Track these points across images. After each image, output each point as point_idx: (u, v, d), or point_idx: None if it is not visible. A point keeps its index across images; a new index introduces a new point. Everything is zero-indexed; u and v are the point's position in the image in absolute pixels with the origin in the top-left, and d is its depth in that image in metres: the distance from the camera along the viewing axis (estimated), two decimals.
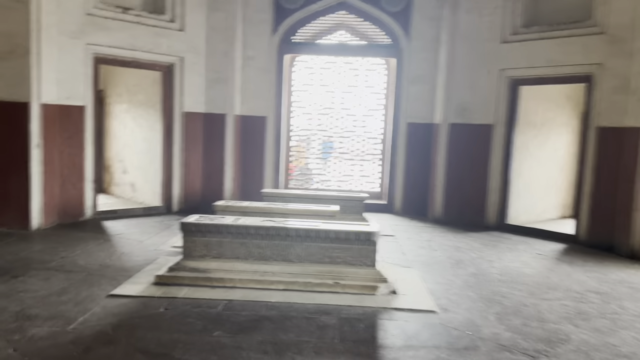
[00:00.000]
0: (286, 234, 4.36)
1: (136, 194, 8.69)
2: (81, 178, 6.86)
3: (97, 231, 6.39)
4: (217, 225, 4.37)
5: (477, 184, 7.64)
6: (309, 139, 9.50)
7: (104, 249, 5.47)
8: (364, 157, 9.44)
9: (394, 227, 7.32)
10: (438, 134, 7.93)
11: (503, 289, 4.65)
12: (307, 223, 4.57)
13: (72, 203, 6.79)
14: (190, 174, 7.98)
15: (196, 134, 7.99)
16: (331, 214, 5.85)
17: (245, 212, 5.86)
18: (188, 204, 7.94)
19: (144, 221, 7.12)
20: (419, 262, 5.44)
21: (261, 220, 4.57)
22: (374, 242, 4.35)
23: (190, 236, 4.41)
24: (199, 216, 4.66)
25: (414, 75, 8.32)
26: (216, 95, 8.01)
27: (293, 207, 5.90)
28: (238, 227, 4.36)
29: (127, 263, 4.98)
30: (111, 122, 9.42)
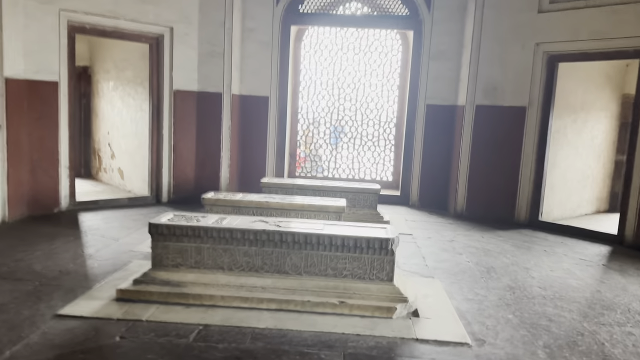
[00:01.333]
0: (281, 239, 3.48)
1: (125, 181, 7.87)
2: (55, 164, 6.02)
3: (70, 226, 5.56)
4: (194, 228, 3.50)
5: (506, 175, 6.69)
6: (316, 123, 8.60)
7: (70, 249, 4.64)
8: (377, 142, 8.53)
9: (411, 223, 6.42)
10: (462, 118, 6.97)
11: (549, 309, 3.75)
12: (307, 225, 3.68)
13: (45, 192, 5.97)
14: (182, 160, 7.11)
15: (188, 115, 7.10)
16: (338, 209, 4.96)
17: (237, 207, 5.00)
18: (179, 194, 7.09)
19: (127, 213, 6.29)
20: (442, 270, 4.54)
21: (250, 222, 3.69)
22: (392, 251, 3.45)
23: (162, 241, 3.55)
24: (173, 215, 3.79)
25: (435, 50, 7.33)
26: (211, 71, 7.10)
27: (294, 202, 5.02)
28: (221, 231, 3.49)
29: (92, 269, 4.15)
30: (99, 102, 8.60)
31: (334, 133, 8.69)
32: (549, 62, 6.43)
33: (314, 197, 5.57)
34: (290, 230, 3.48)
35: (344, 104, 8.49)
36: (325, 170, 8.71)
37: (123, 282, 3.69)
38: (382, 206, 6.82)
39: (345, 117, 8.54)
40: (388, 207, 7.22)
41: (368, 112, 8.47)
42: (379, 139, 8.54)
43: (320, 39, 8.27)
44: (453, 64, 7.24)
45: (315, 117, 8.56)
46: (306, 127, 8.65)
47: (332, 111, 8.52)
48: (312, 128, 8.64)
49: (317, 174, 8.67)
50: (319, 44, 8.30)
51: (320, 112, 8.53)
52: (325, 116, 8.56)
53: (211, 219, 3.72)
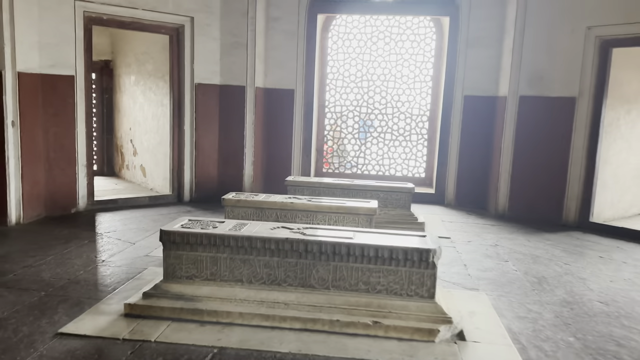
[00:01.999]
0: (306, 249, 3.07)
1: (147, 179, 7.61)
2: (72, 162, 5.76)
3: (86, 227, 5.28)
4: (210, 236, 3.13)
5: (553, 172, 6.13)
6: (344, 117, 8.16)
7: (83, 254, 4.34)
8: (408, 137, 8.04)
9: (448, 225, 5.93)
10: (504, 110, 6.42)
11: (615, 330, 3.24)
12: (335, 233, 3.26)
13: (62, 192, 5.71)
14: (204, 157, 6.78)
15: (210, 110, 6.76)
16: (369, 212, 4.52)
17: (260, 208, 4.62)
18: (201, 192, 6.77)
19: (146, 214, 5.99)
20: (487, 281, 4.06)
21: (272, 228, 3.29)
22: (433, 264, 3.01)
23: (175, 250, 3.19)
24: (188, 220, 3.42)
25: (473, 36, 6.79)
26: (234, 63, 6.73)
27: (321, 203, 4.60)
28: (239, 239, 3.10)
29: (103, 277, 3.83)
30: (121, 97, 8.36)
31: (363, 127, 8.26)
32: (601, 47, 5.83)
33: (343, 198, 5.14)
34: (317, 239, 3.07)
35: (373, 96, 8.04)
36: (354, 166, 8.28)
37: (135, 293, 3.35)
38: (416, 205, 6.35)
39: (375, 110, 8.08)
40: (422, 206, 6.74)
41: (399, 105, 7.99)
42: (410, 133, 8.06)
43: (348, 28, 7.82)
44: (493, 51, 6.69)
45: (343, 110, 8.13)
46: (334, 122, 8.23)
47: (361, 104, 8.08)
48: (339, 122, 8.22)
49: (345, 171, 8.25)
50: (347, 34, 7.85)
51: (349, 106, 8.09)
52: (353, 110, 8.12)
53: (229, 224, 3.34)
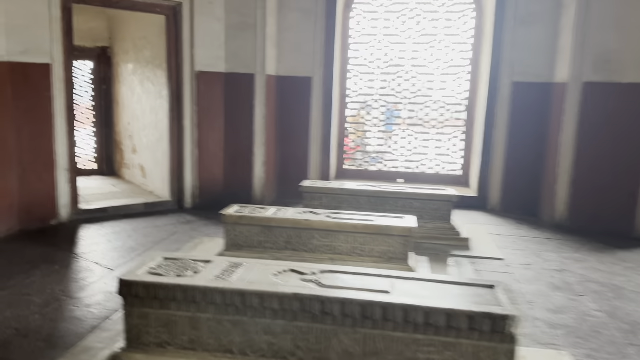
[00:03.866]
0: (322, 309, 2.13)
1: (146, 180, 6.75)
2: (50, 166, 4.90)
3: (63, 245, 4.43)
4: (187, 289, 2.21)
5: (624, 174, 5.06)
6: (369, 108, 7.17)
7: (47, 287, 3.48)
8: (442, 130, 7.03)
9: (497, 239, 4.92)
10: (562, 99, 5.34)
11: None
12: (364, 281, 2.31)
13: (38, 201, 4.87)
14: (208, 157, 5.87)
15: (214, 102, 5.83)
16: (405, 233, 3.56)
17: (268, 227, 3.71)
18: (205, 198, 5.87)
19: (139, 225, 5.12)
20: (565, 330, 3.06)
21: (275, 273, 2.35)
22: (512, 336, 2.03)
23: (139, 306, 2.28)
24: (163, 259, 2.51)
25: (524, 13, 5.71)
26: (241, 48, 5.77)
27: (344, 221, 3.65)
28: (229, 294, 2.18)
29: (63, 325, 2.95)
30: (119, 88, 7.49)
31: (390, 119, 7.25)
32: None
33: (370, 211, 4.19)
34: (338, 296, 2.12)
35: (402, 84, 7.01)
36: (379, 162, 7.30)
37: (96, 354, 2.46)
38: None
39: (404, 100, 7.06)
40: (460, 212, 5.72)
41: (431, 93, 6.96)
42: (444, 125, 7.04)
43: (374, 5, 6.78)
44: (549, 29, 5.60)
45: (368, 100, 7.13)
46: (356, 113, 7.24)
47: (387, 93, 7.06)
48: (363, 114, 7.23)
49: (369, 167, 7.27)
50: (372, 12, 6.80)
51: (374, 95, 7.09)
52: (379, 99, 7.11)
53: (217, 267, 2.42)
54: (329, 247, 3.67)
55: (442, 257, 4.21)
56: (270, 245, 3.73)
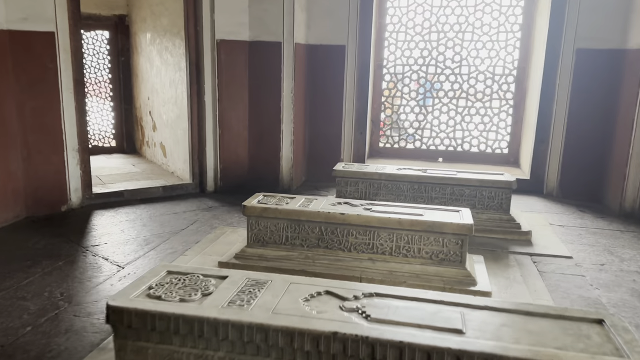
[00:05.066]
0: (373, 355, 1.58)
1: (167, 159, 6.29)
2: (58, 146, 4.46)
3: (71, 235, 4.00)
4: (193, 320, 1.69)
5: None
6: (407, 79, 6.50)
7: (46, 289, 3.04)
8: (489, 103, 6.34)
9: (560, 231, 4.27)
10: (637, 68, 4.58)
11: None
12: (424, 312, 1.74)
13: (47, 186, 4.44)
14: (230, 136, 5.34)
15: (237, 74, 5.26)
16: (462, 229, 2.97)
17: (297, 221, 3.16)
18: (228, 181, 5.37)
19: (156, 211, 4.66)
20: None
21: (307, 298, 1.82)
22: None
23: (134, 339, 1.79)
24: (167, 273, 1.99)
25: None
26: (267, 12, 5.16)
27: (386, 216, 3.08)
28: (247, 328, 1.65)
29: (54, 341, 2.50)
30: (138, 59, 6.99)
31: (430, 92, 6.58)
32: None
33: (417, 205, 3.60)
34: (394, 339, 1.56)
35: (444, 52, 6.32)
36: (417, 140, 6.67)
37: None
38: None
39: (446, 70, 6.37)
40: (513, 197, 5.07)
41: (477, 62, 6.24)
42: (491, 98, 6.33)
43: None
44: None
45: (406, 71, 6.46)
46: (393, 86, 6.58)
47: (428, 63, 6.38)
48: (400, 86, 6.56)
49: (407, 145, 6.65)
50: None
51: (413, 65, 6.41)
52: (418, 70, 6.43)
53: (232, 287, 1.89)
54: (368, 245, 3.12)
55: (500, 255, 3.61)
56: (299, 241, 3.20)
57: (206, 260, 3.39)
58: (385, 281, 2.98)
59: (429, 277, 3.01)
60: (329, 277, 3.01)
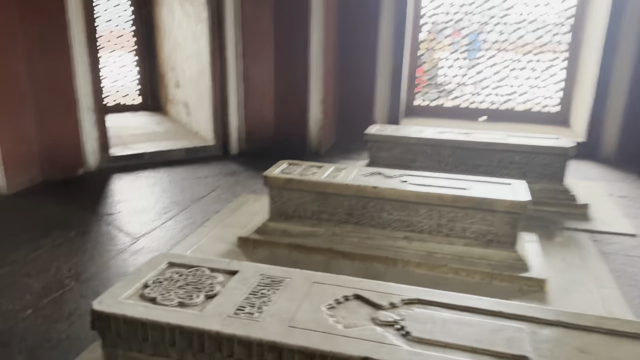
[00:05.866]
0: None
1: (191, 118, 5.97)
2: (71, 106, 4.18)
3: (86, 201, 3.77)
4: (191, 332, 1.38)
5: None
6: (449, 29, 5.94)
7: (53, 264, 2.82)
8: (539, 56, 5.76)
9: (621, 203, 3.79)
10: None
11: None
12: (483, 331, 1.38)
13: (62, 148, 4.21)
14: (255, 94, 4.96)
15: (262, 26, 4.82)
16: (516, 207, 2.56)
17: (324, 194, 2.81)
18: (253, 142, 5.03)
19: (177, 176, 4.40)
20: None
21: (332, 304, 1.49)
22: None
23: (125, 348, 1.50)
24: (168, 265, 1.68)
25: None
26: None
27: (425, 190, 2.69)
28: (256, 346, 1.33)
29: (42, 335, 2.27)
30: (160, 11, 6.58)
31: (474, 44, 6.01)
32: None
33: (461, 177, 3.19)
34: None
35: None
36: (458, 97, 6.16)
37: None
38: None
39: (491, 20, 5.78)
40: None
41: (527, 10, 5.63)
42: (541, 50, 5.75)
43: None
44: None
45: (447, 20, 5.90)
46: (433, 38, 6.04)
47: (472, 11, 5.78)
48: (441, 38, 6.01)
49: (445, 104, 6.15)
50: None
51: (455, 14, 5.83)
52: (461, 20, 5.84)
53: (242, 286, 1.57)
54: (404, 222, 2.75)
55: (554, 231, 3.19)
56: (326, 216, 2.86)
57: (225, 233, 3.09)
58: (423, 264, 2.63)
59: (474, 260, 2.64)
60: (359, 258, 2.70)
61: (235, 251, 2.86)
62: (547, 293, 2.49)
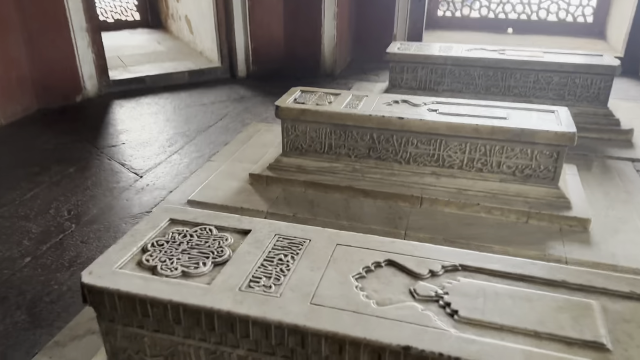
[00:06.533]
0: None
1: (194, 36, 5.55)
2: (63, 26, 3.82)
3: (82, 133, 3.51)
4: (197, 310, 1.17)
5: None
6: None
7: (46, 207, 2.62)
8: None
9: None
10: None
11: None
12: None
13: (56, 74, 3.89)
14: (262, 9, 4.51)
15: None
16: (561, 139, 2.27)
17: (342, 126, 2.53)
18: (261, 64, 4.65)
19: (182, 102, 4.11)
20: None
21: (361, 273, 1.25)
22: None
23: (124, 323, 1.30)
24: (169, 222, 1.44)
25: None
26: None
27: (457, 121, 2.38)
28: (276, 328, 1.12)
29: (41, 286, 2.11)
30: None
31: None
32: None
33: (496, 104, 2.87)
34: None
35: None
36: (483, 6, 5.63)
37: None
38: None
39: None
40: None
41: None
42: None
43: None
44: None
45: None
46: None
47: None
48: None
49: (471, 14, 5.64)
50: None
51: None
52: None
53: (257, 249, 1.34)
54: (432, 156, 2.48)
55: (595, 161, 2.91)
56: (345, 151, 2.59)
57: (235, 168, 2.85)
58: (452, 202, 2.39)
59: (509, 197, 2.39)
60: (381, 196, 2.47)
61: (246, 189, 2.63)
62: (590, 234, 2.26)
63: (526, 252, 2.13)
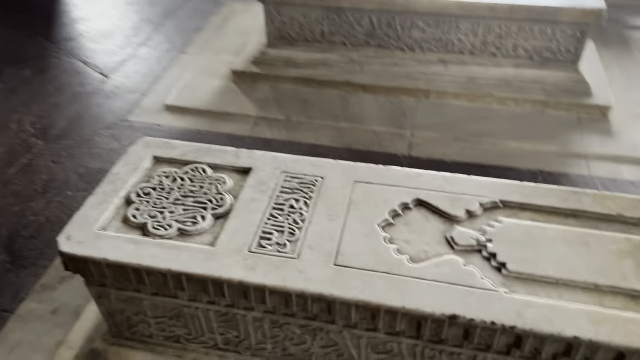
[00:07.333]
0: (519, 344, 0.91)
1: None
2: None
3: (37, 26, 3.05)
4: (197, 279, 1.00)
5: None
6: None
7: (3, 122, 2.32)
8: None
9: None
10: None
11: None
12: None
13: None
14: None
15: None
16: (588, 17, 1.98)
17: (337, 10, 2.20)
18: None
19: None
20: None
21: (387, 220, 1.07)
22: None
23: (115, 286, 1.12)
24: (154, 161, 1.22)
25: None
26: None
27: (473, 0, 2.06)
28: (295, 297, 0.96)
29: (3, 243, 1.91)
30: None
31: None
32: None
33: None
34: (566, 335, 0.87)
35: None
36: None
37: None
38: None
39: None
40: None
41: None
42: None
43: None
44: None
45: None
46: None
47: None
48: None
49: None
50: None
51: None
52: None
53: (257, 202, 1.14)
54: (439, 41, 2.19)
55: (610, 33, 2.63)
56: (340, 38, 2.27)
57: (214, 63, 2.52)
58: (462, 94, 2.16)
59: (524, 84, 2.16)
60: (383, 91, 2.22)
61: (230, 88, 2.34)
62: (610, 122, 2.08)
63: (544, 147, 1.98)
